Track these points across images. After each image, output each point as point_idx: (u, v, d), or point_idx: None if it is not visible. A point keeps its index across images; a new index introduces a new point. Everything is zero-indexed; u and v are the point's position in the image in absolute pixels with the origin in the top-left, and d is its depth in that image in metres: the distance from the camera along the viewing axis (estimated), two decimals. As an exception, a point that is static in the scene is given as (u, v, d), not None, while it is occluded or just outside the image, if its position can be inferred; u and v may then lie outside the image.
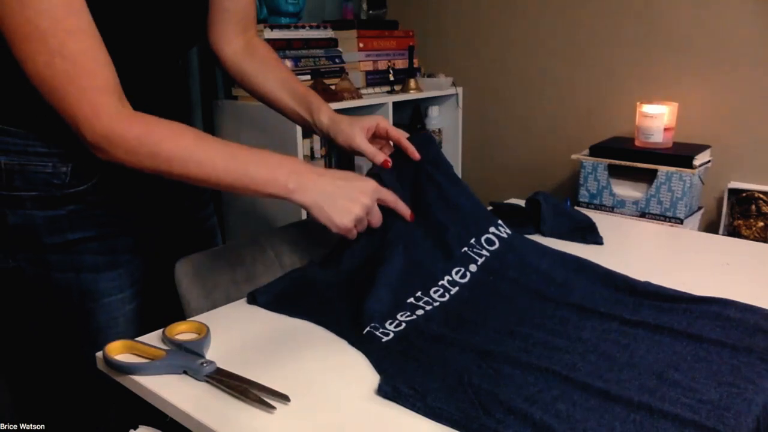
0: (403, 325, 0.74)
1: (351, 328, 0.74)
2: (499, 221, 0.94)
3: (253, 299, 0.83)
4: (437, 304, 0.80)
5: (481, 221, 0.93)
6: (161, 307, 0.94)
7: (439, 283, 0.83)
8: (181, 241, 1.01)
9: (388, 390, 0.61)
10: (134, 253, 0.94)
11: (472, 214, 0.93)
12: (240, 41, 1.02)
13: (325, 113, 0.96)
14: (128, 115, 0.74)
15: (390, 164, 0.92)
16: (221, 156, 0.76)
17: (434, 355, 0.68)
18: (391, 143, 0.95)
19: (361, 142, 0.92)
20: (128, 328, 0.93)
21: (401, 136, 0.93)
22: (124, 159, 0.74)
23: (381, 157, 0.92)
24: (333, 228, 0.79)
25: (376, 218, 0.84)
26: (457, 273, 0.85)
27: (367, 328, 0.72)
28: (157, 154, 0.74)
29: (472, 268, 0.87)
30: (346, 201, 0.79)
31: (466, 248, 0.89)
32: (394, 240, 0.87)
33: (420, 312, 0.78)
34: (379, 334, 0.72)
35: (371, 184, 0.82)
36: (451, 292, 0.82)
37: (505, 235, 0.92)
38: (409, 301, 0.80)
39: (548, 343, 0.69)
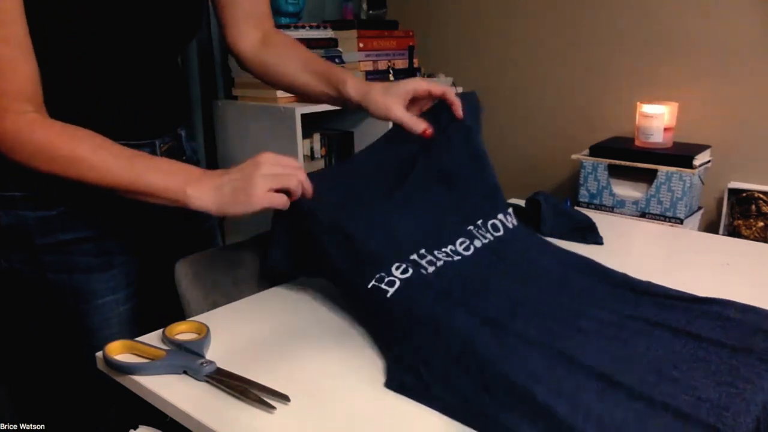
0: (410, 271, 0.73)
1: (355, 279, 0.72)
2: (509, 211, 0.93)
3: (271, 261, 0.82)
4: (441, 263, 0.79)
5: (494, 204, 0.92)
6: (160, 307, 0.94)
7: (443, 250, 0.82)
8: (180, 242, 1.01)
9: (393, 385, 0.62)
10: (130, 254, 0.94)
11: (488, 194, 0.92)
12: (257, 34, 1.01)
13: (351, 85, 0.92)
14: (32, 122, 0.76)
15: (431, 133, 0.88)
16: (117, 163, 0.76)
17: (439, 316, 0.67)
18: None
19: (398, 111, 0.87)
20: (122, 330, 0.93)
21: (447, 90, 0.89)
22: (23, 162, 0.76)
23: (422, 125, 0.88)
24: (251, 206, 0.73)
25: (294, 173, 0.75)
26: (461, 244, 0.84)
27: (372, 282, 0.71)
28: (53, 159, 0.75)
29: (477, 243, 0.86)
30: (242, 182, 0.73)
31: (471, 227, 0.88)
32: (406, 193, 0.85)
33: (423, 271, 0.76)
34: (384, 287, 0.70)
35: (261, 155, 0.75)
36: (454, 259, 0.82)
37: (510, 226, 0.92)
38: (412, 258, 0.78)
39: (548, 328, 0.69)
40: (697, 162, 1.70)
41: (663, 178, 1.73)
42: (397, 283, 0.71)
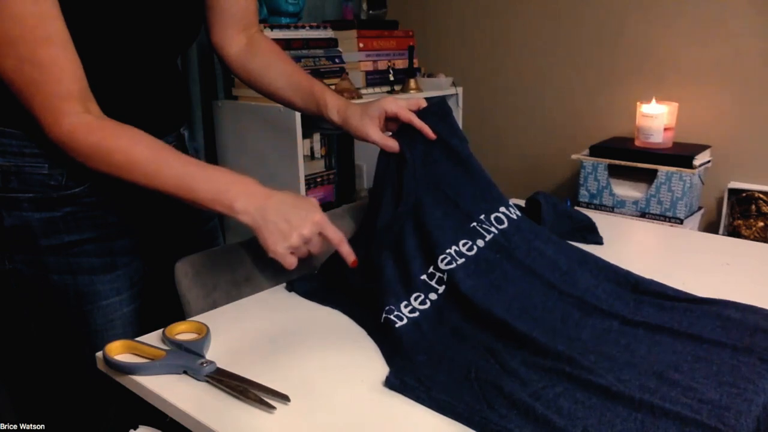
0: (417, 312, 0.76)
1: (370, 316, 0.77)
2: (510, 202, 0.93)
3: (291, 287, 0.88)
4: (446, 276, 0.80)
5: (492, 200, 0.93)
6: (161, 307, 0.94)
7: (447, 251, 0.83)
8: (182, 242, 1.01)
9: (395, 383, 0.62)
10: (133, 255, 0.94)
11: (482, 192, 0.93)
12: (242, 39, 1.01)
13: (333, 109, 0.95)
14: (87, 124, 0.77)
15: (397, 150, 0.92)
16: (171, 170, 0.78)
17: (443, 350, 0.69)
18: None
19: (373, 134, 0.92)
20: (126, 330, 0.93)
21: (412, 117, 0.91)
22: (81, 161, 0.78)
23: (391, 146, 0.91)
24: (267, 252, 0.78)
25: (315, 248, 0.81)
26: (464, 245, 0.85)
27: (384, 315, 0.74)
28: (109, 163, 0.77)
29: (480, 243, 0.86)
30: (285, 227, 0.77)
31: (474, 223, 0.88)
32: (403, 215, 0.87)
33: (433, 296, 0.79)
34: (394, 318, 0.74)
35: (317, 216, 0.79)
36: (458, 262, 0.82)
37: (514, 217, 0.92)
38: (422, 278, 0.81)
39: (549, 342, 0.69)
40: (697, 162, 1.70)
41: (663, 178, 1.73)
42: (405, 320, 0.75)
